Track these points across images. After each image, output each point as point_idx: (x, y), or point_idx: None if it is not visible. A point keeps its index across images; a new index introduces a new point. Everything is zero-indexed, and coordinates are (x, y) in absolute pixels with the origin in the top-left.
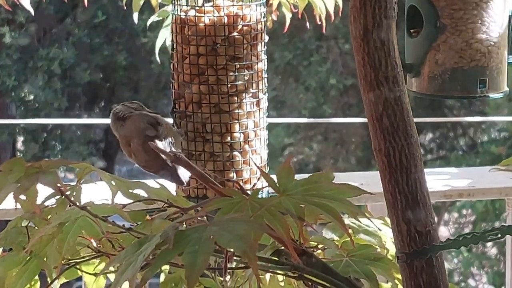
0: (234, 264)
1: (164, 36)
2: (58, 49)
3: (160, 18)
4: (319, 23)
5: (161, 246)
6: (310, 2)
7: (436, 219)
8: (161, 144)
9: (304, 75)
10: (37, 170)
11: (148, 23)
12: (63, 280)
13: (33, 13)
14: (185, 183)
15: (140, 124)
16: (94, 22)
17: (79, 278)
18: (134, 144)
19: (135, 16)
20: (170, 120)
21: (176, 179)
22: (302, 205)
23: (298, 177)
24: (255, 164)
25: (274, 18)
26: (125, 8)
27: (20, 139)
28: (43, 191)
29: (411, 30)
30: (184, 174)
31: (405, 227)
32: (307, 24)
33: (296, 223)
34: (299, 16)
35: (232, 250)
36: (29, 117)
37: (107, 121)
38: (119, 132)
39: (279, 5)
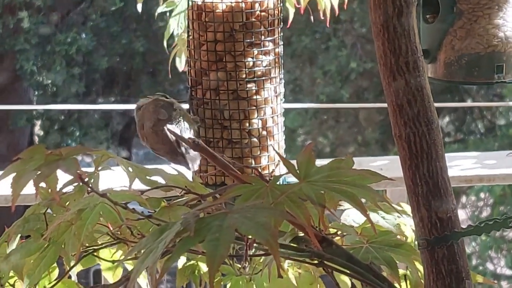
0: (253, 251)
1: (173, 27)
2: (76, 34)
3: (169, 8)
4: (322, 18)
5: (182, 233)
6: None
7: None
8: (172, 128)
9: (322, 60)
10: (57, 157)
11: (156, 13)
12: (80, 267)
13: None
14: (192, 170)
15: (152, 107)
16: (111, 9)
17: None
18: (146, 127)
19: (139, 6)
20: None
21: (184, 165)
22: (323, 192)
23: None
24: (275, 150)
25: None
26: None
27: (38, 123)
28: (61, 178)
29: (427, 16)
30: (193, 160)
31: (426, 214)
32: (312, 18)
33: (317, 210)
34: (302, 12)
35: (252, 237)
36: (47, 102)
37: (125, 106)
38: (136, 117)
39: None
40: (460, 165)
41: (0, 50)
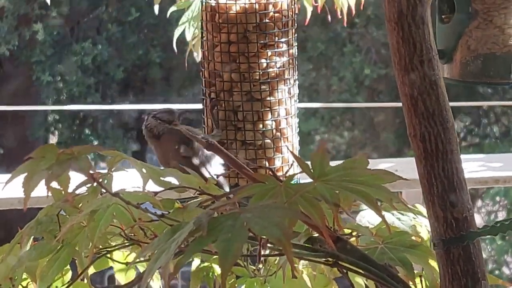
0: (267, 252)
1: (183, 28)
2: (92, 44)
3: (181, 8)
4: (340, 17)
5: (195, 233)
6: None
7: None
8: (196, 161)
9: (337, 65)
10: (69, 156)
11: (168, 13)
12: (93, 270)
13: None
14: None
15: (175, 145)
16: (128, 19)
17: (112, 267)
18: (174, 165)
19: (156, 8)
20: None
21: None
22: (337, 191)
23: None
24: (289, 150)
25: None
26: (146, 0)
27: (55, 133)
28: (73, 179)
29: (443, 16)
30: (221, 186)
31: (441, 214)
32: (329, 17)
33: (331, 210)
34: (319, 11)
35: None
36: (63, 113)
37: (139, 106)
38: (156, 149)
39: None
40: (476, 166)
41: (17, 62)
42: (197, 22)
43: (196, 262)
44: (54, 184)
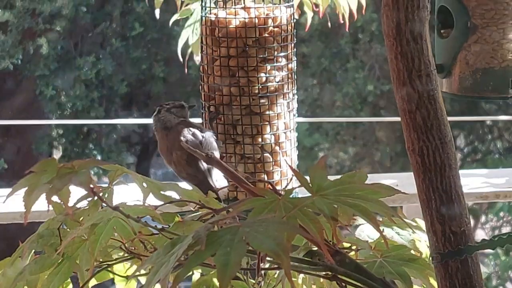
0: (267, 265)
1: (187, 35)
2: (95, 58)
3: (184, 16)
4: (342, 22)
5: (194, 247)
6: (332, 1)
7: (473, 222)
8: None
9: (340, 81)
10: (70, 170)
11: (171, 21)
12: (94, 282)
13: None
14: (221, 199)
15: (185, 137)
16: (131, 34)
17: (113, 280)
18: (177, 156)
19: (157, 12)
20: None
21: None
22: (336, 205)
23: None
24: (288, 164)
25: (296, 17)
26: (147, 4)
27: (59, 147)
28: (75, 193)
29: (442, 31)
30: (223, 192)
31: (439, 227)
32: (329, 24)
33: (330, 223)
34: (320, 16)
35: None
36: (67, 128)
37: (143, 121)
38: (163, 139)
39: (301, 4)
40: (476, 181)
41: (20, 76)
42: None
43: (196, 276)
44: (55, 198)
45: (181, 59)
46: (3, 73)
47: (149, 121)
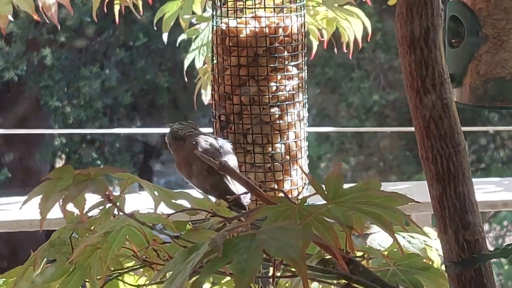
0: (279, 273)
1: (193, 56)
2: (99, 69)
3: (191, 36)
4: (346, 51)
5: (210, 254)
6: (338, 28)
7: None
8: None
9: (345, 92)
10: (86, 177)
11: (178, 41)
12: None
13: (59, 28)
14: (247, 207)
15: (204, 147)
16: (136, 44)
17: None
18: (198, 167)
19: (165, 36)
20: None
21: (238, 203)
22: (350, 213)
23: None
24: (303, 171)
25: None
26: (156, 29)
27: (63, 156)
28: (87, 200)
29: (453, 40)
30: (245, 197)
31: (453, 236)
32: (335, 50)
33: (345, 231)
34: (325, 47)
35: (280, 258)
36: (71, 137)
37: (146, 130)
38: (179, 152)
39: (307, 32)
40: (484, 189)
41: (25, 86)
42: (207, 49)
43: (206, 286)
44: (70, 206)
45: (186, 79)
46: (8, 84)
47: (153, 130)
